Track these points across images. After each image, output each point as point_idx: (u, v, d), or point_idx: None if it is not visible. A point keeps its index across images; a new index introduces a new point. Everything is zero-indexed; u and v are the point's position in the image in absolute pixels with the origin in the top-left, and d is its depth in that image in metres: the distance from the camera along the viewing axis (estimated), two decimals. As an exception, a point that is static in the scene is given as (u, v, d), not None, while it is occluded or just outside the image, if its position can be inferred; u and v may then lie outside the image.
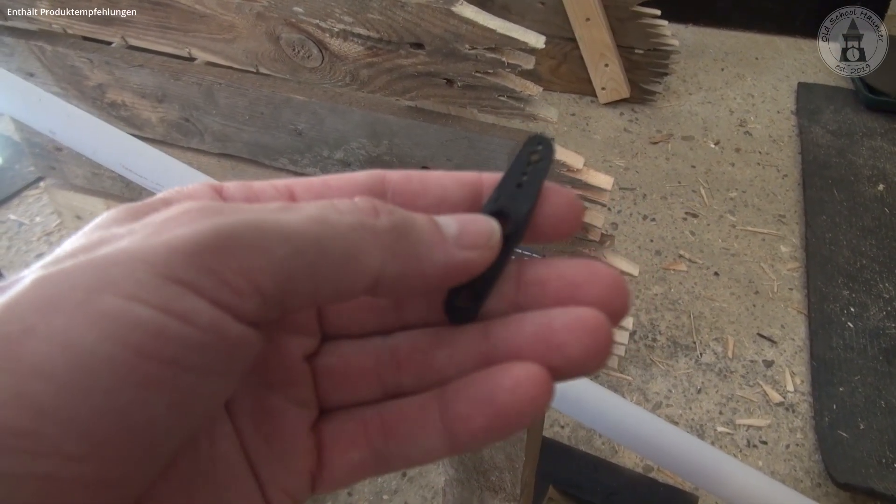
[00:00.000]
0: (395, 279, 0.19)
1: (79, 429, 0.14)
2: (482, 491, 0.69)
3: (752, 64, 2.25)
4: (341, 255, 0.17)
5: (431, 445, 0.20)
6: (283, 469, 0.21)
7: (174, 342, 0.15)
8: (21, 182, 1.68)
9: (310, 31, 0.84)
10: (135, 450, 0.15)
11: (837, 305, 1.38)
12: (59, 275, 0.15)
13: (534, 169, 0.22)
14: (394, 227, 0.19)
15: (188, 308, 0.15)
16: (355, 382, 0.22)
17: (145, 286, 0.15)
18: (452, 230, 0.20)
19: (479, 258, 0.20)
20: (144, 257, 0.15)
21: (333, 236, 0.17)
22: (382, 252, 0.18)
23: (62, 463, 0.14)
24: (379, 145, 0.93)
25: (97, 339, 0.14)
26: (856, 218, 1.59)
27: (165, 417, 0.15)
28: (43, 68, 1.01)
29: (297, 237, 0.17)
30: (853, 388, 1.21)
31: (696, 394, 1.24)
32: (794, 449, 1.15)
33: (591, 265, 0.21)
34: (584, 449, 1.14)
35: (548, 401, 0.19)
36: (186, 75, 0.94)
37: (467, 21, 0.76)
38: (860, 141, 1.85)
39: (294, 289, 0.17)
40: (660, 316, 1.39)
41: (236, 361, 0.17)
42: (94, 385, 0.14)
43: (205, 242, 0.16)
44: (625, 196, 1.70)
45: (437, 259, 0.19)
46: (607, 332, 0.19)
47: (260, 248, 0.16)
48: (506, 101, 0.82)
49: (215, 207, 0.17)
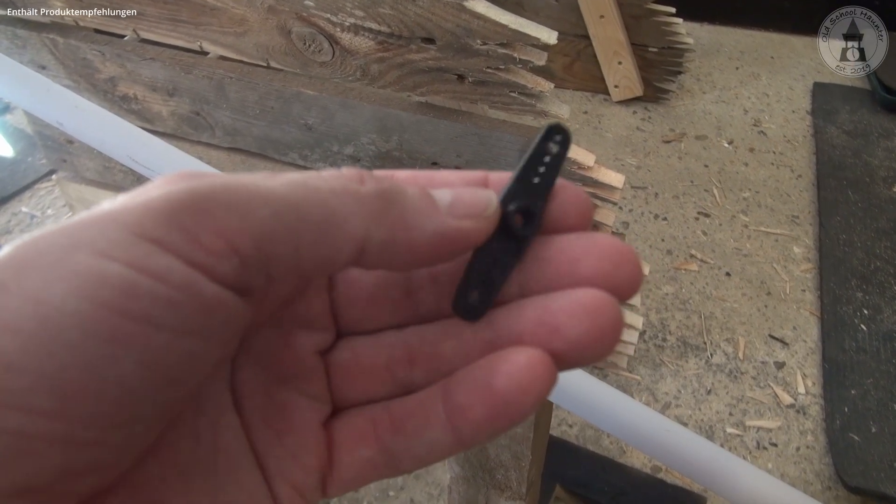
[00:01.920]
0: (382, 247, 0.18)
1: (47, 383, 0.14)
2: (488, 489, 0.69)
3: (767, 63, 2.23)
4: (322, 219, 0.17)
5: (437, 440, 0.20)
6: (293, 464, 0.21)
7: (145, 299, 0.15)
8: (33, 175, 1.69)
9: (321, 25, 0.84)
10: (106, 407, 0.15)
11: (851, 307, 1.36)
12: (39, 238, 0.16)
13: (550, 161, 0.22)
14: (380, 193, 0.18)
15: (160, 265, 0.15)
16: (368, 378, 0.22)
17: (117, 243, 0.15)
18: (446, 199, 0.20)
19: (474, 227, 0.20)
20: (118, 217, 0.16)
21: (314, 200, 0.17)
22: (367, 218, 0.18)
23: (31, 418, 0.14)
24: (389, 141, 0.93)
25: (66, 294, 0.14)
26: (870, 219, 1.58)
27: (137, 376, 0.15)
28: (55, 60, 1.01)
29: (276, 199, 0.17)
30: (865, 391, 1.20)
31: (705, 394, 1.23)
32: (804, 451, 1.14)
33: (591, 237, 0.20)
34: (592, 448, 1.13)
35: (549, 386, 0.18)
36: (197, 69, 0.94)
37: (479, 16, 0.75)
38: (876, 142, 1.83)
39: (274, 252, 0.17)
40: (670, 316, 1.38)
41: (215, 325, 0.16)
42: (62, 339, 0.14)
43: (179, 201, 0.16)
44: (637, 195, 1.69)
45: (428, 227, 0.19)
46: (610, 311, 0.19)
47: (237, 209, 0.16)
48: (517, 97, 0.81)
49: (195, 173, 0.17)
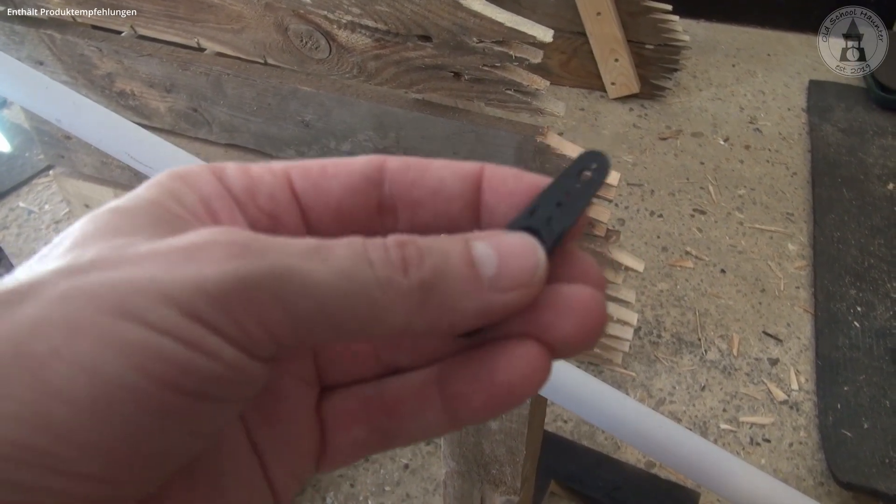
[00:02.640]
0: (421, 332, 0.18)
1: (96, 453, 0.15)
2: (483, 484, 0.69)
3: (763, 60, 2.23)
4: (364, 313, 0.17)
5: (432, 422, 0.21)
6: (288, 450, 0.21)
7: (197, 376, 0.16)
8: (30, 170, 1.69)
9: (318, 22, 0.84)
10: (150, 472, 0.16)
11: (844, 304, 1.37)
12: (83, 295, 0.15)
13: (581, 189, 0.20)
14: (422, 285, 0.18)
15: (213, 346, 0.16)
16: (354, 359, 0.23)
17: (170, 321, 0.15)
18: (490, 270, 0.18)
19: (518, 300, 0.18)
20: (168, 292, 0.15)
21: (359, 293, 0.17)
22: (408, 311, 0.17)
23: (78, 481, 0.15)
24: (386, 138, 0.93)
25: (121, 367, 0.15)
26: (865, 217, 1.59)
27: (181, 442, 0.16)
28: (52, 57, 1.01)
29: (322, 294, 0.16)
30: (858, 387, 1.21)
31: (700, 391, 1.24)
32: (797, 447, 1.15)
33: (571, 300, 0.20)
34: (587, 444, 1.14)
35: (546, 376, 0.19)
36: (195, 65, 0.94)
37: (475, 14, 0.76)
38: (871, 139, 1.84)
39: (312, 338, 0.17)
40: (665, 312, 1.39)
41: (249, 391, 0.17)
42: (114, 412, 0.15)
43: (228, 289, 0.16)
44: (632, 192, 1.70)
45: (470, 307, 0.18)
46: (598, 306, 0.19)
47: (283, 302, 0.16)
48: (513, 94, 0.82)
49: (242, 244, 0.17)
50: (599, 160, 0.20)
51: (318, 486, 1.08)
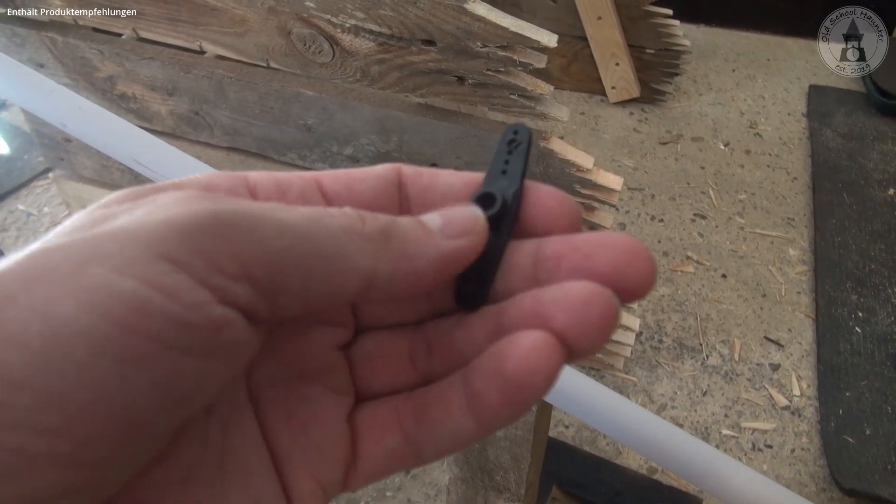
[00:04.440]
0: (389, 279, 0.19)
1: (52, 401, 0.14)
2: (486, 490, 0.69)
3: (763, 65, 2.23)
4: (333, 254, 0.18)
5: (460, 426, 0.20)
6: (319, 457, 0.21)
7: (156, 317, 0.15)
8: (30, 172, 1.69)
9: (321, 26, 0.84)
10: (113, 428, 0.15)
11: (845, 310, 1.37)
12: (54, 249, 0.15)
13: (514, 154, 0.24)
14: (380, 231, 0.19)
15: (174, 284, 0.15)
16: (391, 367, 0.23)
17: (134, 260, 0.15)
18: (437, 224, 0.21)
19: (469, 244, 0.21)
20: (138, 232, 0.16)
21: (327, 235, 0.18)
22: (373, 254, 0.19)
23: (34, 436, 0.14)
24: (388, 142, 0.93)
25: (76, 309, 0.14)
26: (865, 222, 1.59)
27: (146, 397, 0.15)
28: (53, 59, 1.01)
29: (291, 232, 0.17)
30: (860, 393, 1.21)
31: (701, 396, 1.24)
32: (799, 453, 1.15)
33: (606, 235, 0.20)
34: (589, 449, 1.14)
35: (557, 366, 0.19)
36: (197, 68, 0.94)
37: (479, 18, 0.75)
38: (871, 144, 1.84)
39: (284, 282, 0.17)
40: (666, 317, 1.38)
41: (222, 346, 0.16)
42: (70, 356, 0.14)
43: (201, 223, 0.16)
44: (633, 196, 1.70)
45: (428, 253, 0.20)
46: (603, 304, 0.19)
47: (255, 236, 0.17)
48: (517, 99, 0.81)
49: (217, 195, 0.18)
50: (519, 129, 0.24)
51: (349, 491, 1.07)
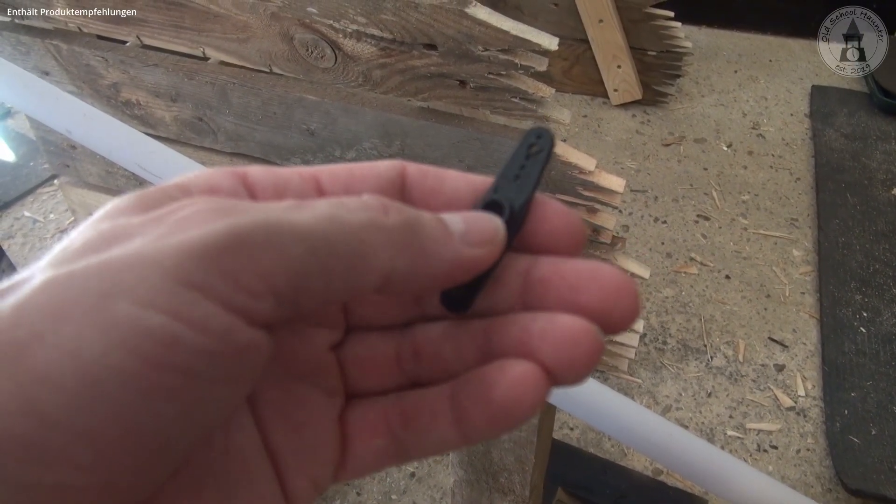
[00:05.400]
0: (405, 276, 0.19)
1: (86, 439, 0.14)
2: (491, 493, 0.69)
3: (765, 66, 2.23)
4: (352, 253, 0.17)
5: (445, 436, 0.21)
6: (310, 458, 0.21)
7: (186, 351, 0.15)
8: (35, 179, 1.70)
9: (323, 31, 0.84)
10: (143, 457, 0.15)
11: (850, 310, 1.37)
12: (70, 278, 0.15)
13: (532, 161, 0.22)
14: (404, 224, 0.19)
15: (201, 315, 0.15)
16: (379, 370, 0.23)
17: (158, 291, 0.15)
18: (459, 228, 0.20)
19: (486, 255, 0.20)
20: (157, 260, 0.15)
21: (344, 234, 0.17)
22: (392, 249, 0.18)
23: (70, 472, 0.14)
24: (391, 146, 0.93)
25: (106, 347, 0.14)
26: (869, 222, 1.58)
27: (174, 426, 0.15)
28: (58, 67, 1.02)
29: (309, 236, 0.17)
30: (865, 393, 1.20)
31: (706, 397, 1.24)
32: (804, 454, 1.15)
33: (595, 268, 0.20)
34: (594, 451, 1.14)
35: (541, 398, 0.19)
36: (200, 75, 0.95)
37: (480, 22, 0.76)
38: (874, 144, 1.84)
39: (307, 288, 0.17)
40: (670, 319, 1.38)
41: (246, 367, 0.17)
42: (102, 395, 0.14)
43: (219, 244, 0.16)
44: (636, 198, 1.70)
45: (446, 256, 0.19)
46: (589, 342, 0.19)
47: (274, 249, 0.16)
48: (518, 102, 0.82)
49: (227, 207, 0.17)
50: (543, 133, 0.22)
51: (325, 495, 1.07)
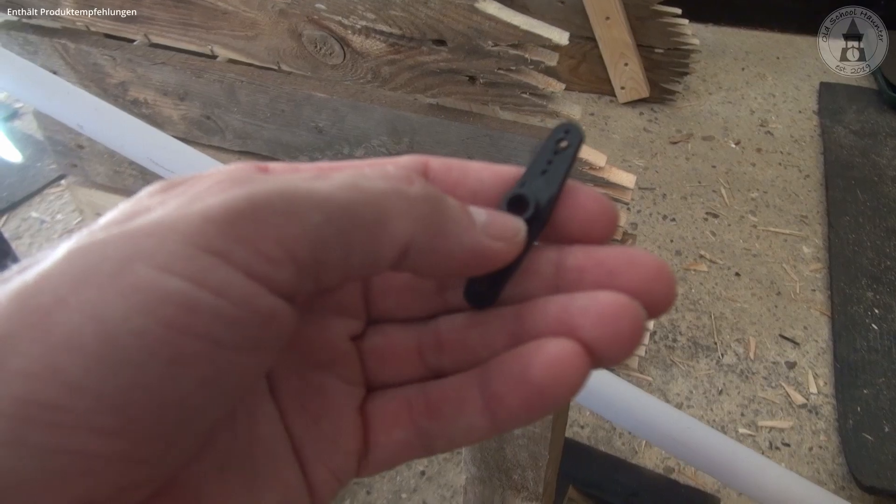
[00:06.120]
0: (422, 252, 0.18)
1: (109, 403, 0.14)
2: (504, 490, 0.69)
3: (773, 63, 2.23)
4: (372, 221, 0.17)
5: (474, 424, 0.20)
6: (331, 448, 0.21)
7: (206, 316, 0.15)
8: (43, 180, 1.70)
9: (332, 27, 0.84)
10: (166, 426, 0.15)
11: (861, 307, 1.36)
12: (92, 246, 0.15)
13: (560, 157, 0.22)
14: (427, 197, 0.19)
15: (221, 280, 0.15)
16: (400, 361, 0.22)
17: (178, 257, 0.15)
18: (482, 218, 0.20)
19: (505, 250, 0.20)
20: (177, 227, 0.15)
21: (366, 202, 0.17)
22: (412, 219, 0.18)
23: (93, 437, 0.14)
24: (400, 143, 0.93)
25: (128, 312, 0.14)
26: (879, 219, 1.57)
27: (197, 394, 0.15)
28: (66, 66, 1.02)
29: (329, 204, 0.17)
30: (878, 390, 1.20)
31: (717, 395, 1.23)
32: (817, 451, 1.14)
33: (630, 252, 0.20)
34: (605, 449, 1.13)
35: (582, 377, 0.18)
36: (208, 73, 0.95)
37: (490, 17, 0.75)
38: (884, 141, 1.83)
39: (327, 257, 0.17)
40: (680, 316, 1.38)
41: (269, 337, 0.16)
42: (124, 359, 0.14)
43: (239, 210, 0.16)
44: (644, 196, 1.69)
45: (465, 241, 0.19)
46: (632, 317, 0.19)
47: (294, 216, 0.16)
48: (528, 98, 0.81)
49: (247, 177, 0.17)
50: (571, 129, 0.22)
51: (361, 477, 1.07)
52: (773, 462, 0.54)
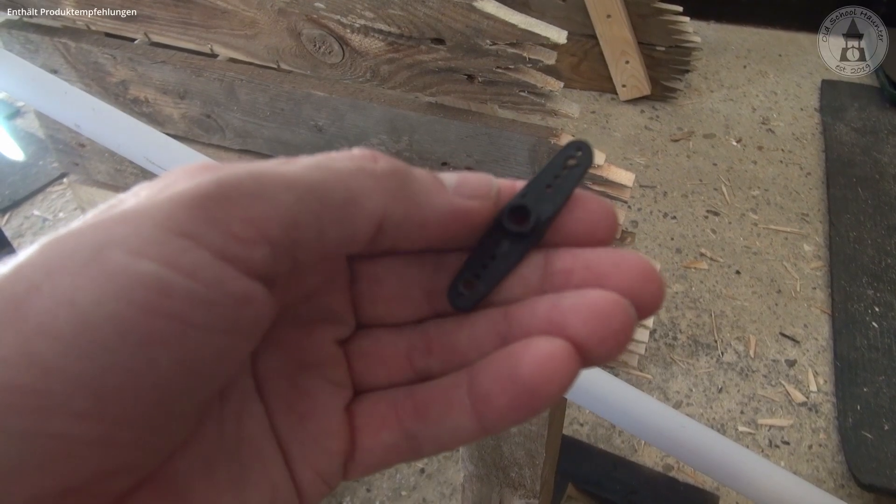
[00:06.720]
0: (398, 223, 0.19)
1: (85, 386, 0.14)
2: (502, 487, 0.69)
3: (774, 61, 2.22)
4: (343, 198, 0.18)
5: (461, 426, 0.20)
6: (317, 449, 0.21)
7: (178, 297, 0.15)
8: (44, 178, 1.70)
9: (331, 26, 0.84)
10: (144, 408, 0.15)
11: (862, 305, 1.36)
12: (67, 236, 0.15)
13: (568, 173, 0.22)
14: (393, 171, 0.19)
15: (193, 262, 0.15)
16: (388, 364, 0.22)
17: (150, 241, 0.15)
18: (452, 181, 0.21)
19: (479, 207, 0.20)
20: (149, 213, 0.16)
21: (334, 181, 0.18)
22: (384, 194, 0.18)
23: (71, 421, 0.14)
24: (399, 141, 0.93)
25: (100, 296, 0.14)
26: (881, 216, 1.57)
27: (173, 376, 0.15)
28: (66, 65, 1.02)
29: (299, 184, 0.17)
30: (878, 388, 1.19)
31: (717, 393, 1.23)
32: (816, 449, 1.14)
33: (617, 254, 0.20)
34: (604, 447, 1.13)
35: (572, 375, 0.18)
36: (208, 71, 0.95)
37: (489, 16, 0.75)
38: (885, 139, 1.82)
39: (300, 236, 0.17)
40: (680, 314, 1.38)
41: (244, 319, 0.17)
42: (99, 342, 0.14)
43: (208, 193, 0.16)
44: (645, 194, 1.69)
45: (438, 205, 0.19)
46: (622, 315, 0.18)
47: (264, 196, 0.16)
48: (527, 96, 0.81)
49: (217, 164, 0.17)
50: (583, 148, 0.22)
51: (335, 491, 1.07)
52: (766, 459, 0.54)
